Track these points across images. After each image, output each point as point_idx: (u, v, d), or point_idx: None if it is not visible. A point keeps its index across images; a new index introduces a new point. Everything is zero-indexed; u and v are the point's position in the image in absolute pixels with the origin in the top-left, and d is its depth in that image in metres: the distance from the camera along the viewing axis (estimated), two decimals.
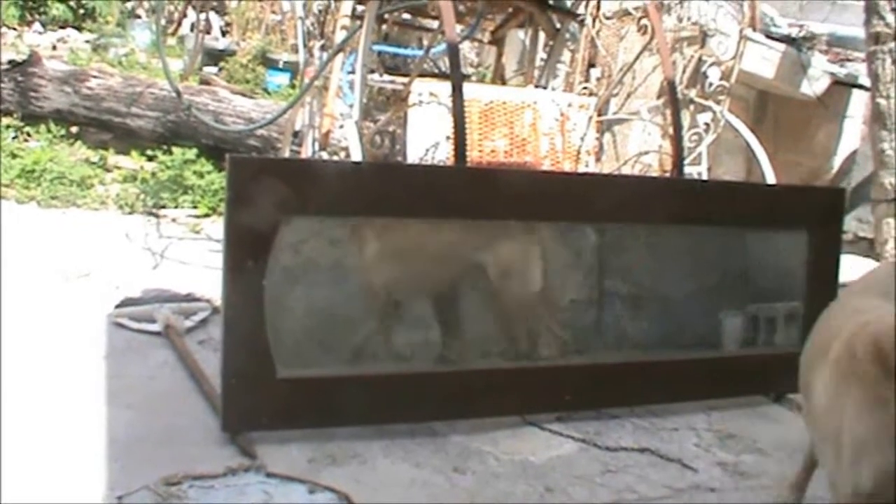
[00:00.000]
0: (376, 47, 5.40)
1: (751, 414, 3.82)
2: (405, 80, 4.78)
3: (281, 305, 3.19)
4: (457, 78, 3.58)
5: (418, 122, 4.57)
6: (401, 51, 5.78)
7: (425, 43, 5.37)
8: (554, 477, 3.19)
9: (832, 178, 8.00)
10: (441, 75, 5.21)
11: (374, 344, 3.47)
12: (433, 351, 3.57)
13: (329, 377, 3.29)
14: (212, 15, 13.86)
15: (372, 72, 5.03)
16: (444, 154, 4.47)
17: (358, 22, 4.67)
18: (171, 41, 12.69)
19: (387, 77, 5.16)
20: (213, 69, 10.41)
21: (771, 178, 5.58)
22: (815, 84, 7.77)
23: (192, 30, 11.20)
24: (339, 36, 4.91)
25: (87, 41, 11.65)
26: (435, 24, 5.41)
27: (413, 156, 4.54)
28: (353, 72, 4.85)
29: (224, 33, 13.03)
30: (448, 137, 3.93)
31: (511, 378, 3.56)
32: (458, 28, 4.99)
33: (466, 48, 9.05)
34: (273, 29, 12.25)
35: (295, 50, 6.53)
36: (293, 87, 8.57)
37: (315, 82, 4.97)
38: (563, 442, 3.46)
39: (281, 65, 9.82)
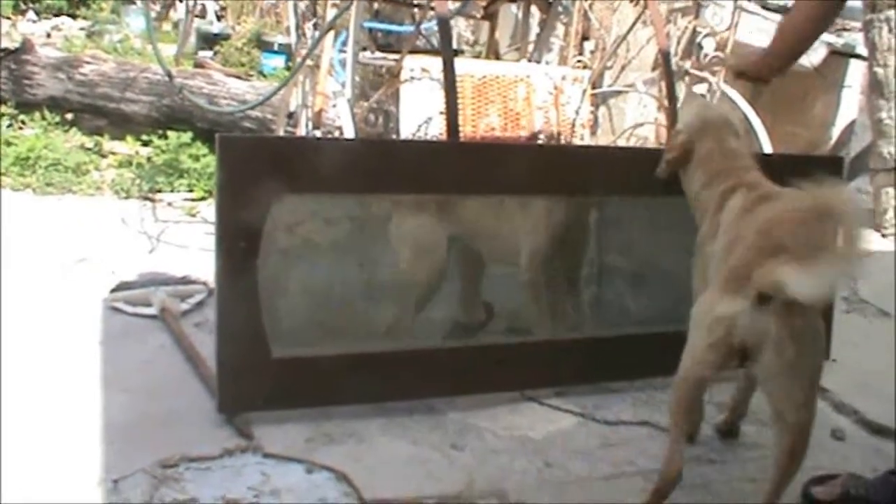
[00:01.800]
0: (367, 24, 5.36)
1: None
2: (397, 56, 4.75)
3: (275, 285, 3.18)
4: (447, 53, 3.55)
5: (410, 99, 4.54)
6: (392, 27, 5.72)
7: (418, 19, 5.33)
8: (553, 452, 3.18)
9: (831, 148, 7.97)
10: (433, 51, 5.16)
11: (371, 322, 3.46)
12: (430, 328, 3.55)
13: (325, 356, 3.27)
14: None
15: (364, 49, 5.00)
16: (437, 130, 4.44)
17: (348, 0, 4.63)
18: (167, 26, 12.67)
19: (379, 54, 5.12)
20: (209, 53, 10.38)
21: (768, 149, 5.56)
22: (812, 55, 7.72)
23: (186, 14, 11.15)
24: (331, 15, 4.87)
25: (82, 28, 11.61)
26: None
27: (406, 132, 4.51)
28: (344, 50, 4.82)
29: (219, 17, 12.98)
30: (441, 113, 3.89)
31: (509, 353, 3.54)
32: (450, 3, 4.96)
33: (462, 25, 9.01)
34: (268, 12, 12.23)
35: (289, 32, 6.48)
36: (288, 69, 8.55)
37: (307, 62, 4.93)
38: (562, 416, 3.45)
39: (276, 47, 9.79)
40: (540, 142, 4.68)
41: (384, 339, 3.47)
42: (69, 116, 7.22)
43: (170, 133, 6.73)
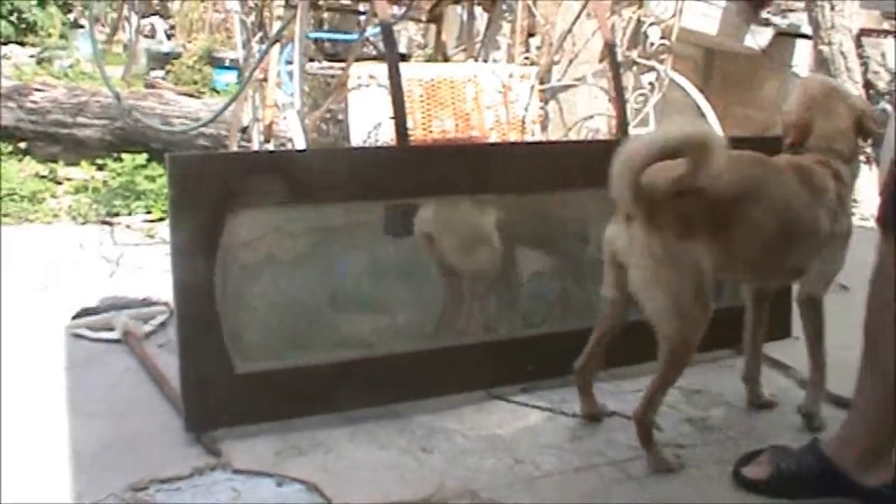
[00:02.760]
0: (313, 35, 5.37)
1: (716, 368, 3.84)
2: (345, 65, 4.76)
3: (234, 300, 3.17)
4: (392, 58, 3.56)
5: (359, 106, 4.55)
6: (338, 36, 5.73)
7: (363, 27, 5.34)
8: (522, 448, 3.19)
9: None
10: (380, 57, 5.18)
11: (332, 331, 3.46)
12: (392, 333, 3.56)
13: (288, 368, 3.27)
14: (155, 19, 13.81)
15: (311, 60, 5.01)
16: (387, 135, 4.45)
17: (292, 11, 4.64)
18: (118, 48, 12.62)
19: (326, 64, 5.13)
20: (160, 73, 10.36)
21: (720, 133, 5.59)
22: (758, 37, 7.81)
23: (134, 35, 11.13)
24: (276, 27, 4.88)
25: (31, 55, 11.56)
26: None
27: (356, 139, 4.52)
28: (291, 62, 4.82)
29: (169, 36, 12.97)
30: (391, 118, 3.90)
31: (473, 353, 3.55)
32: (395, 8, 4.98)
33: (413, 30, 9.04)
34: (217, 28, 12.24)
35: (239, 47, 6.48)
36: (240, 84, 8.52)
37: (256, 75, 4.93)
38: (529, 412, 3.46)
39: (227, 63, 9.82)
40: (491, 140, 4.70)
41: (358, 346, 3.47)
42: (22, 145, 7.19)
43: (124, 156, 6.71)
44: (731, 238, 2.97)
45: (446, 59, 5.64)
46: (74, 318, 4.18)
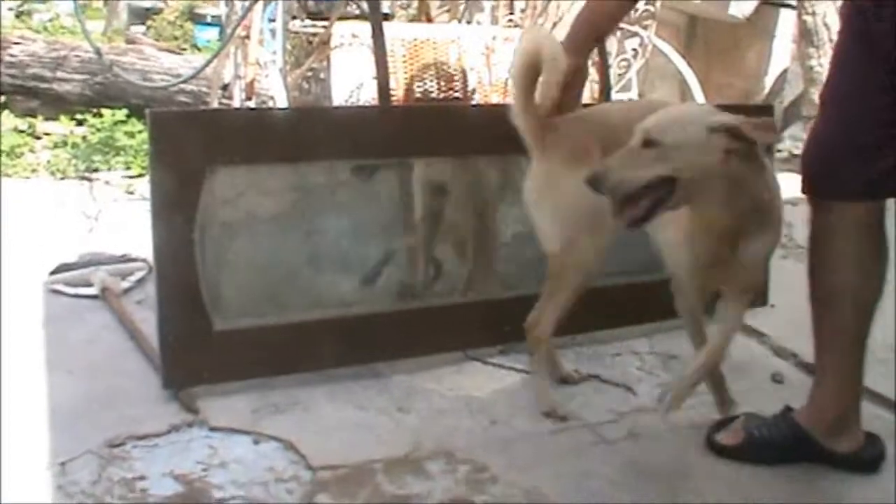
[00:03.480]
0: None
1: None
2: (327, 23, 4.73)
3: (213, 258, 3.17)
4: (375, 17, 3.54)
5: (341, 65, 4.54)
6: None
7: None
8: (498, 409, 3.20)
9: (765, 97, 8.06)
10: (363, 17, 5.14)
11: (311, 289, 3.47)
12: (372, 292, 3.56)
13: (267, 326, 3.27)
14: None
15: (294, 18, 4.98)
16: (369, 95, 4.44)
17: None
18: (98, 3, 12.51)
19: (308, 22, 5.10)
20: (141, 28, 10.28)
21: (701, 101, 5.60)
22: (742, 6, 7.79)
23: None
24: None
25: (10, 9, 11.44)
26: None
27: (338, 98, 4.50)
28: (274, 19, 4.80)
29: None
30: (373, 78, 3.89)
31: (451, 314, 3.56)
32: None
33: None
34: None
35: (221, 4, 6.43)
36: (222, 41, 8.47)
37: (238, 32, 4.90)
38: (506, 374, 3.48)
39: (209, 19, 9.75)
40: (473, 102, 4.69)
41: (338, 305, 3.47)
42: (1, 99, 7.12)
43: (104, 111, 6.69)
44: None
45: (430, 20, 5.61)
46: (52, 273, 4.17)
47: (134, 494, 2.60)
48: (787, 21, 8.06)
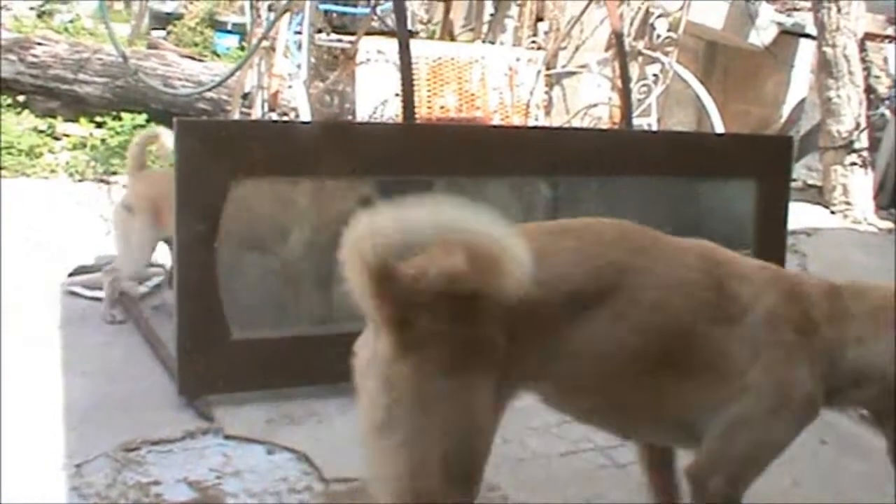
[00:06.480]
0: (323, 6, 5.37)
1: None
2: (353, 38, 4.76)
3: (233, 268, 3.18)
4: (403, 34, 3.57)
5: (367, 81, 4.56)
6: (348, 9, 5.73)
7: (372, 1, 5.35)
8: (511, 429, 3.19)
9: (781, 126, 8.08)
10: (389, 33, 5.18)
11: (329, 302, 3.48)
12: None
13: (284, 338, 3.29)
14: None
15: (319, 31, 5.01)
16: (393, 112, 4.47)
17: None
18: (119, 6, 12.55)
19: (334, 36, 5.13)
20: (162, 33, 10.31)
21: (720, 128, 5.62)
22: (762, 34, 7.82)
23: None
24: None
25: (32, 8, 11.47)
26: None
27: (362, 114, 4.53)
28: (299, 32, 4.82)
29: None
30: (397, 95, 3.92)
31: None
32: None
33: (416, 5, 9.01)
34: None
35: (243, 11, 6.47)
36: (242, 48, 8.53)
37: (262, 43, 4.93)
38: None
39: (229, 27, 9.76)
40: (495, 123, 4.71)
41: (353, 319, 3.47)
42: (21, 98, 7.15)
43: (124, 115, 6.70)
44: (563, 357, 2.06)
45: (452, 38, 5.64)
46: (70, 275, 4.19)
47: (148, 499, 2.62)
48: (806, 51, 8.08)
